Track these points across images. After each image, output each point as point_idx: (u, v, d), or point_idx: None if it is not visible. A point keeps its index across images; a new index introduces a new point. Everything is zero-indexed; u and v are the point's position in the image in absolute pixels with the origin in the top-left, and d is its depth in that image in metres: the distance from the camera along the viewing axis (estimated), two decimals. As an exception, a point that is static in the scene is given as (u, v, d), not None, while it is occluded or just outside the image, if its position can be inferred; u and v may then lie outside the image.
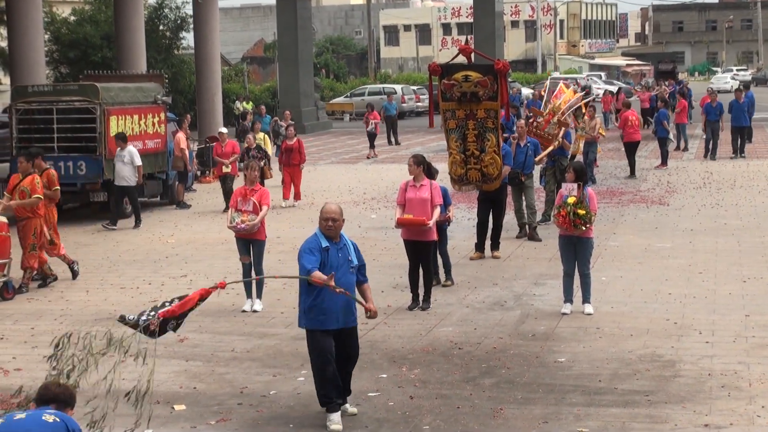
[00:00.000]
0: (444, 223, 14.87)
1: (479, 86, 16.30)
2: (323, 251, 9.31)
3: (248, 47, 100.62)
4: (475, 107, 16.52)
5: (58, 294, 15.21)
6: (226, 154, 23.98)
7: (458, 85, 16.44)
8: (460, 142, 16.78)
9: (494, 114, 16.56)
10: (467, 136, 16.70)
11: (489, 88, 16.34)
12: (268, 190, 14.03)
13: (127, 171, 21.51)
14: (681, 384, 10.22)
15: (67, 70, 51.25)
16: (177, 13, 53.20)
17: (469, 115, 16.58)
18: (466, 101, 16.51)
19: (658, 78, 55.60)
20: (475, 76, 16.39)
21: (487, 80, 16.30)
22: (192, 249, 18.88)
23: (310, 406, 9.71)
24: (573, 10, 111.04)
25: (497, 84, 16.31)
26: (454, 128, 16.77)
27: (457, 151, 16.80)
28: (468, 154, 16.73)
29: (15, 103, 23.13)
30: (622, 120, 28.86)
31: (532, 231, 18.77)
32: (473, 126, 16.59)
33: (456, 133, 16.77)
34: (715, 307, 13.33)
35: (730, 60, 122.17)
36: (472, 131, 16.63)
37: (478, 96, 16.41)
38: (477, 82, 16.30)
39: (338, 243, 9.45)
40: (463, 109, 16.62)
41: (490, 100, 16.45)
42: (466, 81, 16.38)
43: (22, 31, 27.28)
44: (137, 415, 8.66)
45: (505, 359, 11.25)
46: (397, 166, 31.93)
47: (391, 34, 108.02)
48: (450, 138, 16.90)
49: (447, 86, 16.55)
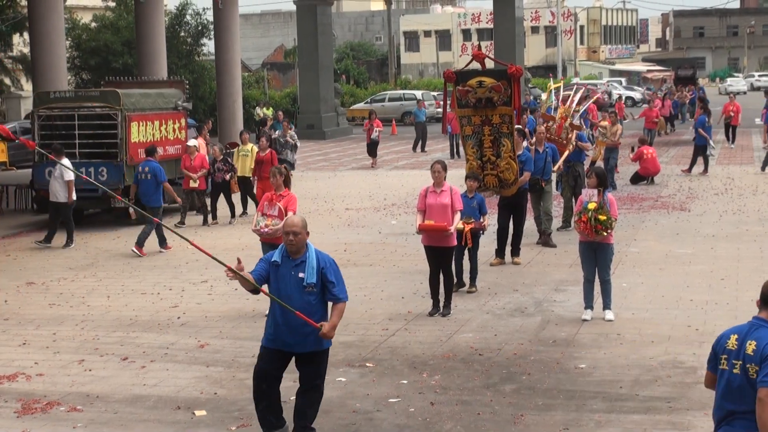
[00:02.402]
0: (479, 230, 14.89)
1: (493, 91, 16.34)
2: (272, 265, 8.67)
3: (268, 53, 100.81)
4: (490, 113, 16.57)
5: (80, 300, 15.27)
6: (195, 167, 22.72)
7: (473, 91, 16.48)
8: (476, 149, 16.81)
9: (509, 119, 16.60)
10: (483, 142, 16.73)
11: (503, 93, 16.38)
12: (295, 196, 14.03)
13: (57, 186, 20.02)
14: (703, 390, 10.14)
15: (88, 77, 51.60)
16: (198, 19, 53.52)
17: (485, 121, 16.64)
18: (481, 107, 16.56)
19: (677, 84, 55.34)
20: (489, 81, 16.44)
21: (500, 85, 16.35)
22: (213, 253, 18.86)
23: (329, 413, 9.71)
24: (593, 15, 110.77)
25: (511, 89, 16.33)
26: (471, 134, 16.82)
27: (474, 157, 16.84)
28: (485, 160, 16.76)
29: (37, 109, 23.26)
30: (636, 154, 27.99)
31: (547, 237, 18.72)
32: (489, 132, 16.64)
33: (472, 140, 16.82)
34: (737, 313, 13.26)
35: (752, 65, 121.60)
36: (488, 137, 16.67)
37: (492, 101, 16.45)
38: (491, 87, 16.34)
39: (296, 260, 8.62)
40: (478, 115, 16.68)
41: (504, 105, 16.49)
42: (480, 87, 16.43)
43: (44, 38, 27.43)
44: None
45: (526, 365, 11.22)
46: (417, 172, 31.94)
47: (412, 40, 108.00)
48: (467, 144, 16.96)
49: (462, 93, 16.60)
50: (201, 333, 13.10)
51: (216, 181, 22.96)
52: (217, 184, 23.03)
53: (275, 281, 8.67)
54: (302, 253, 8.63)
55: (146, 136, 23.16)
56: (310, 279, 8.55)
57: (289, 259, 8.63)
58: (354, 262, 17.63)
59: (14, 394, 10.66)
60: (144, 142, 22.83)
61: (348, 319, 13.50)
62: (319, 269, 8.62)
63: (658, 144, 36.92)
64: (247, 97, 50.89)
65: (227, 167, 22.94)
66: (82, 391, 10.73)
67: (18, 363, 11.83)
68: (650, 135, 36.51)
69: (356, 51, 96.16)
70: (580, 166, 20.15)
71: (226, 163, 23.01)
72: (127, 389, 10.78)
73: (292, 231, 8.60)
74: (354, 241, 19.79)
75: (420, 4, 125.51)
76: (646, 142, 30.00)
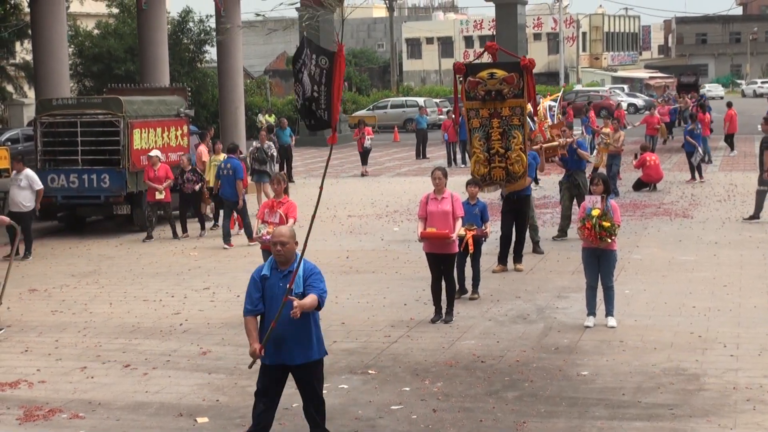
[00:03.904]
0: (481, 237, 14.89)
1: (505, 83, 16.32)
2: (262, 280, 8.56)
3: (271, 60, 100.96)
4: (499, 105, 16.53)
5: (82, 306, 15.27)
6: (159, 178, 21.80)
7: (483, 83, 16.44)
8: (483, 141, 16.76)
9: (520, 111, 16.55)
10: (491, 135, 16.68)
11: (515, 86, 16.36)
12: (295, 204, 14.03)
13: (22, 196, 19.56)
14: (705, 397, 10.16)
15: (91, 84, 51.67)
16: (200, 26, 53.55)
17: (494, 114, 16.59)
18: (490, 99, 16.51)
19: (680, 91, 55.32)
20: (500, 73, 16.40)
21: (513, 77, 16.32)
22: (214, 261, 18.93)
23: (333, 419, 9.70)
24: (596, 22, 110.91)
25: (523, 81, 16.31)
26: (478, 127, 16.77)
27: (481, 150, 16.78)
28: (492, 152, 16.71)
29: (40, 116, 23.27)
30: (639, 161, 27.82)
31: (535, 245, 18.64)
32: (498, 124, 16.59)
33: (480, 132, 16.77)
34: (740, 320, 13.25)
35: (755, 72, 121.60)
36: (496, 129, 16.62)
37: (502, 94, 16.42)
38: (503, 79, 16.31)
39: (283, 270, 8.53)
40: (487, 108, 16.63)
41: (515, 97, 16.46)
42: (491, 78, 16.39)
43: (47, 45, 27.44)
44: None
45: (528, 372, 11.21)
46: (420, 179, 31.94)
47: (414, 46, 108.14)
48: (474, 137, 16.89)
49: (472, 84, 16.55)
50: (203, 340, 13.09)
51: (185, 192, 22.27)
52: (186, 196, 22.36)
53: (264, 298, 8.56)
54: (291, 263, 8.56)
55: (148, 143, 23.17)
56: (298, 289, 8.45)
57: (278, 270, 8.55)
58: (356, 269, 17.63)
59: (16, 401, 10.65)
60: (146, 149, 22.86)
61: (350, 326, 13.52)
62: (304, 279, 8.53)
63: (659, 151, 36.92)
64: (249, 104, 50.92)
65: (196, 178, 22.31)
66: (84, 398, 10.72)
67: (20, 370, 11.83)
68: (652, 142, 36.50)
69: (358, 58, 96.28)
70: (581, 175, 20.00)
71: (195, 174, 22.41)
72: (129, 396, 10.77)
73: (279, 241, 8.51)
74: (356, 248, 19.79)
75: (422, 11, 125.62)
76: (648, 148, 29.95)
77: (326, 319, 13.94)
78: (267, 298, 8.53)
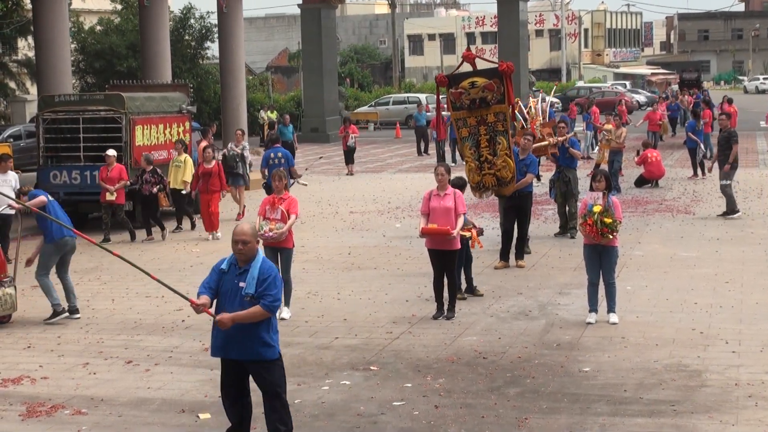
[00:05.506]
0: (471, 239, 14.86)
1: (486, 90, 16.40)
2: (220, 273, 8.58)
3: (273, 56, 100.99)
4: (485, 112, 16.62)
5: (84, 303, 15.27)
6: (112, 179, 20.93)
7: (466, 93, 16.53)
8: (473, 150, 16.85)
9: (503, 117, 16.65)
10: (480, 142, 16.74)
11: (496, 92, 16.44)
12: (296, 199, 14.03)
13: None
14: (707, 394, 10.17)
15: (93, 80, 51.68)
16: (202, 22, 53.53)
17: (480, 121, 16.67)
18: (476, 108, 16.60)
19: (682, 87, 55.32)
20: (481, 81, 16.50)
21: (493, 83, 16.41)
22: (217, 258, 18.84)
23: (334, 416, 9.71)
24: (598, 19, 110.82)
25: (503, 86, 16.38)
26: (467, 136, 16.87)
27: (472, 158, 16.88)
28: (482, 160, 16.77)
29: (42, 112, 23.26)
30: (641, 157, 27.85)
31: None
32: (485, 131, 16.66)
33: (469, 141, 16.85)
34: (741, 316, 13.25)
35: (757, 68, 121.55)
36: (483, 136, 16.69)
37: (487, 101, 16.51)
38: (484, 86, 16.40)
39: (241, 268, 8.48)
40: (473, 116, 16.71)
41: (498, 103, 16.54)
42: (473, 87, 16.49)
43: (49, 41, 27.47)
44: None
45: (530, 369, 11.22)
46: (421, 175, 31.96)
47: (416, 43, 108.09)
48: (464, 146, 17.01)
49: (456, 95, 16.68)
50: (205, 336, 13.05)
51: (143, 193, 21.46)
52: (144, 197, 21.59)
53: (220, 287, 8.58)
54: (250, 262, 8.50)
55: (150, 140, 23.18)
56: (249, 289, 8.38)
57: (236, 267, 8.53)
58: (358, 265, 17.64)
59: (19, 397, 10.67)
60: (149, 146, 22.86)
61: (352, 323, 13.53)
62: (259, 281, 8.42)
63: (661, 147, 36.90)
64: (251, 101, 50.93)
65: (155, 179, 21.39)
66: (86, 394, 10.74)
67: (23, 366, 11.85)
68: (654, 138, 36.49)
69: (360, 54, 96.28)
70: (572, 172, 19.97)
71: (154, 175, 21.42)
72: (131, 392, 10.79)
73: (241, 240, 8.45)
74: (358, 244, 19.80)
75: (424, 7, 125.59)
76: (650, 145, 29.95)
77: (328, 315, 13.99)
78: (221, 292, 8.55)
